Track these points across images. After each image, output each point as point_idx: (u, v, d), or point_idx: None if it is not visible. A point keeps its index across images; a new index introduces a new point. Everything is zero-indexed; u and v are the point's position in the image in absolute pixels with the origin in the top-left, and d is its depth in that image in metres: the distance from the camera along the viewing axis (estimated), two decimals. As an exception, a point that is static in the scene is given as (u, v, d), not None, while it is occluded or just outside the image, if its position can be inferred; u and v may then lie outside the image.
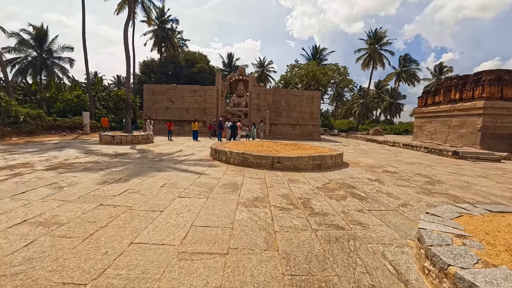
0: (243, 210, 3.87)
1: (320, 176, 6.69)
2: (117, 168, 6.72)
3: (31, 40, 29.16)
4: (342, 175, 7.08)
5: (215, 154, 8.70)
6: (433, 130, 21.69)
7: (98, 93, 27.15)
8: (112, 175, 5.88)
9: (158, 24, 38.08)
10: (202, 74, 38.44)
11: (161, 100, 22.46)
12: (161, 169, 6.84)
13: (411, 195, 5.34)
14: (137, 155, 9.35)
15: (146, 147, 11.89)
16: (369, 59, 38.08)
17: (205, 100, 22.39)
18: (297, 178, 6.38)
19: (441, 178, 7.33)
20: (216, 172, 6.62)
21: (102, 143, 12.72)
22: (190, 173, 6.37)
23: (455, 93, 19.73)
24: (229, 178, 5.99)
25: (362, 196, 5.03)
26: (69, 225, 3.12)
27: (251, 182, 5.73)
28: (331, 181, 6.17)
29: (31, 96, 23.15)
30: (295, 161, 7.37)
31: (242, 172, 6.74)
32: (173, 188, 4.97)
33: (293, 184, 5.74)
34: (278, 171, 7.07)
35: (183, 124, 22.53)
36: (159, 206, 3.88)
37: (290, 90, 22.92)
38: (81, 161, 7.56)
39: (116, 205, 3.87)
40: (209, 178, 5.95)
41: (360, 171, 7.80)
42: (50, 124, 17.43)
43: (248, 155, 7.55)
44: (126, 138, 12.74)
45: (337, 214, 3.92)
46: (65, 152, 9.38)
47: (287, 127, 22.55)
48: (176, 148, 12.10)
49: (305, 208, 4.15)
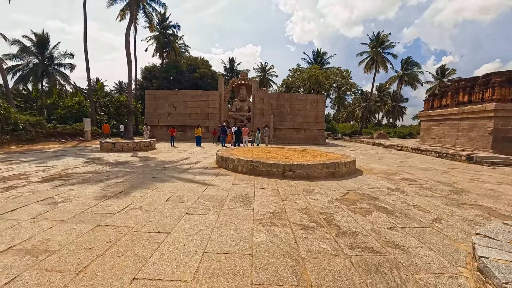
0: (261, 230, 3.39)
1: (336, 186, 6.20)
2: (117, 179, 6.27)
3: (32, 47, 29.11)
4: (359, 183, 6.59)
5: (221, 161, 8.24)
6: (441, 134, 21.18)
7: (99, 99, 26.90)
8: (112, 187, 5.42)
9: (159, 29, 38.07)
10: (204, 79, 38.26)
11: (163, 106, 22.12)
12: (165, 179, 6.38)
13: (440, 207, 4.84)
14: (139, 163, 8.91)
15: (148, 154, 11.46)
16: (372, 62, 37.78)
17: (208, 105, 22.04)
18: (312, 188, 5.90)
19: (464, 186, 6.82)
20: (224, 182, 6.15)
21: (103, 151, 12.30)
22: (197, 184, 5.90)
23: (463, 95, 19.27)
24: (239, 189, 5.51)
25: (388, 209, 4.54)
26: (60, 254, 2.65)
27: (264, 193, 5.25)
28: (349, 192, 5.68)
29: (32, 103, 22.90)
30: (308, 169, 6.90)
31: (252, 182, 6.27)
32: (179, 202, 4.50)
33: (310, 195, 5.25)
34: (290, 180, 6.59)
35: (186, 129, 22.14)
36: (165, 226, 3.41)
37: (294, 94, 22.54)
38: (80, 171, 7.12)
39: (116, 225, 3.40)
40: (218, 189, 5.48)
41: (376, 179, 7.30)
42: (50, 131, 17.07)
43: (257, 163, 7.08)
44: (127, 145, 12.32)
45: (368, 234, 3.43)
46: (63, 161, 8.95)
47: (291, 132, 22.10)
48: (179, 155, 11.65)
49: (330, 225, 3.66)
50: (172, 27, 38.83)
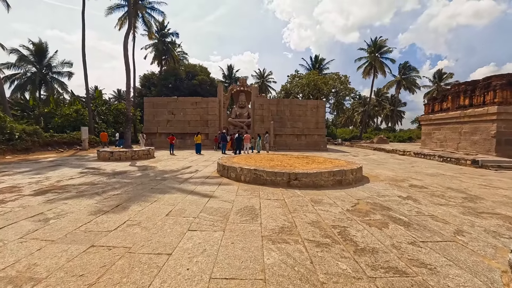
0: (272, 249, 3.08)
1: (345, 195, 5.90)
2: (114, 191, 5.94)
3: (30, 56, 29.00)
4: (368, 192, 6.30)
5: (223, 170, 7.94)
6: (443, 138, 21.02)
7: (98, 107, 26.67)
8: (109, 200, 5.10)
9: (158, 37, 38.22)
10: (203, 86, 38.21)
11: (162, 113, 21.90)
12: (164, 190, 6.07)
13: (458, 217, 4.56)
14: (137, 173, 8.58)
15: (147, 163, 11.13)
16: (370, 67, 37.95)
17: (207, 112, 21.84)
18: (320, 198, 5.60)
19: (477, 193, 6.55)
20: (227, 193, 5.84)
21: (100, 160, 11.97)
22: (198, 196, 5.59)
23: (464, 99, 19.20)
24: (244, 201, 5.20)
25: (405, 221, 4.24)
26: (47, 282, 2.33)
27: (270, 205, 4.95)
28: (359, 201, 5.39)
29: (29, 112, 22.62)
30: (314, 178, 6.61)
31: (257, 192, 5.96)
32: (180, 217, 4.18)
33: (319, 206, 4.95)
34: (296, 189, 6.29)
35: (185, 137, 21.86)
36: (166, 246, 3.10)
37: (294, 100, 22.41)
38: (75, 183, 6.79)
39: (112, 245, 3.09)
40: (221, 201, 5.17)
41: (385, 187, 7.02)
42: (47, 140, 16.74)
43: (261, 171, 6.79)
44: (125, 154, 11.99)
45: (388, 250, 3.13)
46: (59, 172, 8.61)
47: (292, 138, 21.87)
48: (179, 163, 11.34)
49: (346, 241, 3.36)
50: (171, 35, 39.04)
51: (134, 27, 30.92)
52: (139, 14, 31.26)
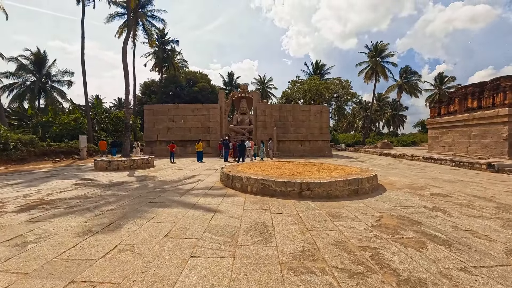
0: (295, 283, 2.48)
1: (364, 207, 5.30)
2: (108, 205, 5.36)
3: (30, 65, 28.83)
4: (389, 203, 5.69)
5: (227, 180, 7.36)
6: (451, 141, 20.43)
7: (97, 115, 26.28)
8: (100, 218, 4.51)
9: (158, 45, 38.20)
10: (203, 93, 37.95)
11: (163, 121, 21.44)
12: (164, 204, 5.48)
13: (500, 232, 3.95)
14: (135, 184, 8.00)
15: (146, 173, 10.56)
16: (372, 71, 37.68)
17: (208, 119, 21.37)
18: (338, 211, 5.00)
19: (508, 202, 5.93)
20: (233, 207, 5.25)
21: (97, 170, 11.41)
22: (201, 210, 4.99)
23: (472, 101, 18.71)
24: (253, 216, 4.61)
25: (443, 239, 3.63)
26: None
27: (284, 221, 4.35)
28: (383, 214, 4.79)
29: (27, 121, 22.20)
30: (328, 187, 6.02)
31: (266, 205, 5.37)
32: (181, 238, 3.59)
33: (339, 221, 4.35)
34: (309, 201, 5.70)
35: (186, 144, 21.33)
36: (164, 281, 2.50)
37: (297, 105, 21.95)
38: (66, 197, 6.21)
39: (96, 281, 2.49)
40: (227, 217, 4.57)
41: (405, 196, 6.41)
42: (43, 149, 16.23)
43: (269, 181, 6.21)
44: (123, 164, 11.42)
45: (438, 281, 2.52)
46: (51, 184, 8.04)
47: (295, 144, 21.31)
48: (180, 172, 10.76)
49: (383, 269, 2.76)
50: (171, 42, 39.05)
51: (135, 35, 30.87)
52: (139, 22, 31.28)
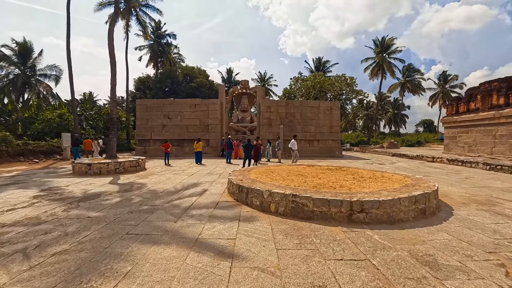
0: None
1: (454, 240, 3.46)
2: (61, 241, 3.43)
3: (13, 56, 26.54)
4: (479, 230, 3.88)
5: (239, 193, 5.47)
6: (472, 141, 18.79)
7: (86, 111, 24.13)
8: (31, 278, 2.59)
9: (154, 38, 36.01)
10: (201, 89, 35.90)
11: (157, 117, 19.42)
12: (150, 237, 3.57)
13: None
14: (115, 197, 6.05)
15: (134, 179, 8.61)
16: (378, 68, 36.00)
17: (208, 115, 19.41)
18: (424, 250, 3.14)
19: None
20: (258, 244, 3.35)
21: (75, 174, 9.43)
22: (209, 254, 3.08)
23: (498, 97, 17.04)
24: (299, 268, 2.72)
25: None
26: None
27: (356, 281, 2.48)
28: (496, 255, 2.95)
29: (5, 117, 19.98)
30: (390, 208, 4.18)
31: (309, 239, 3.48)
32: None
33: (448, 280, 2.50)
34: (365, 229, 3.85)
35: (183, 143, 19.36)
36: None
37: (305, 101, 20.07)
38: (8, 220, 4.26)
39: None
40: (255, 270, 2.68)
41: (485, 216, 4.59)
42: (18, 149, 14.15)
43: (303, 198, 4.34)
44: (107, 167, 9.44)
45: None
46: (3, 195, 6.06)
47: (303, 144, 19.46)
48: (176, 179, 8.82)
49: None
50: (168, 36, 36.85)
51: (127, 25, 28.69)
52: (133, 12, 29.08)
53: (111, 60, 10.90)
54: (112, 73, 10.90)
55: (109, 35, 10.88)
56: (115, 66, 11.01)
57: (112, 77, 10.92)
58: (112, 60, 10.89)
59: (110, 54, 10.88)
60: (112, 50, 10.87)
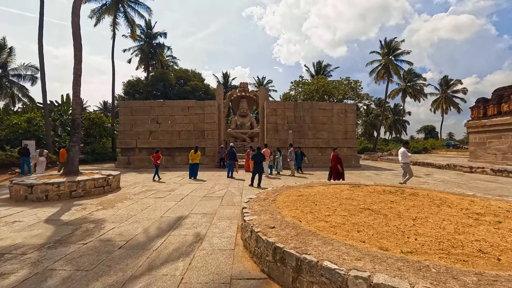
0: None
1: None
2: None
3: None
4: None
5: (272, 263, 2.67)
6: (506, 148, 16.46)
7: (62, 115, 21.08)
8: None
9: (144, 38, 33.41)
10: (196, 93, 33.22)
11: (144, 122, 16.54)
12: None
13: None
14: (23, 267, 3.17)
15: (92, 210, 5.70)
16: (384, 71, 34.04)
17: (203, 120, 16.63)
18: None
19: None
20: None
21: (13, 200, 6.48)
22: None
23: (539, 98, 14.81)
24: None
25: None
26: None
27: None
28: None
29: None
30: None
31: None
32: None
33: None
34: None
35: (174, 153, 16.46)
36: None
37: (316, 103, 17.48)
38: None
39: None
40: None
41: None
42: (-40, 162, 11.07)
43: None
44: (57, 189, 6.49)
45: None
46: None
47: (315, 152, 16.78)
48: (155, 210, 5.94)
49: None
50: (159, 35, 34.28)
51: (114, 23, 26.03)
52: (121, 9, 26.50)
53: (75, 44, 8.13)
54: (75, 60, 8.10)
55: (73, 9, 8.14)
56: (80, 51, 8.23)
57: (75, 65, 8.11)
58: (76, 44, 8.12)
59: (73, 35, 8.11)
60: (77, 29, 8.11)
